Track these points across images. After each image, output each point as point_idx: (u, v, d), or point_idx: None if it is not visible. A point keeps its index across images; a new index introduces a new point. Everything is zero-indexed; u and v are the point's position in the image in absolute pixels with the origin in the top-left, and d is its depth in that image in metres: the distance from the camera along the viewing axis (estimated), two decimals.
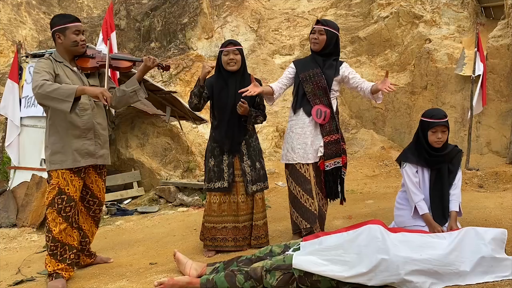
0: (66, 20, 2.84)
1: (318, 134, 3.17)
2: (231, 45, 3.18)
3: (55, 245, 2.77)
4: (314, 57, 3.26)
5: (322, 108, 3.14)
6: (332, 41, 3.19)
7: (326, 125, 3.16)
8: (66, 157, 2.77)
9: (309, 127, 3.17)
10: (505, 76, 6.79)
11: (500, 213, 3.60)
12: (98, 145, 2.91)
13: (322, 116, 3.13)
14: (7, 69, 9.67)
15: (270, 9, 10.97)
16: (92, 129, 2.87)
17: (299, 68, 3.26)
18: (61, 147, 2.77)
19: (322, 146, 3.16)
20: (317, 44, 3.18)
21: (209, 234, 3.23)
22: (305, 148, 3.15)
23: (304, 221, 3.11)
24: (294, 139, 3.20)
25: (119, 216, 5.70)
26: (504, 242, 2.30)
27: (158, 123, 7.45)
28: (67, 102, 2.56)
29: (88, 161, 2.84)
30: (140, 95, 2.98)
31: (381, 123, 8.30)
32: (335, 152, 3.18)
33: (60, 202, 2.75)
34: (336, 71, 3.21)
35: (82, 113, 2.82)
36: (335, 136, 3.18)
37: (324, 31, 3.16)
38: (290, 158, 3.21)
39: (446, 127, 2.84)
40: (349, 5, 9.68)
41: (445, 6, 8.43)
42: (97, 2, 15.08)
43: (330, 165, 3.18)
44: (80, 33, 2.84)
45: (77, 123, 2.80)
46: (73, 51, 2.87)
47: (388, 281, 2.13)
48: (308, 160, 3.15)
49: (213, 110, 3.29)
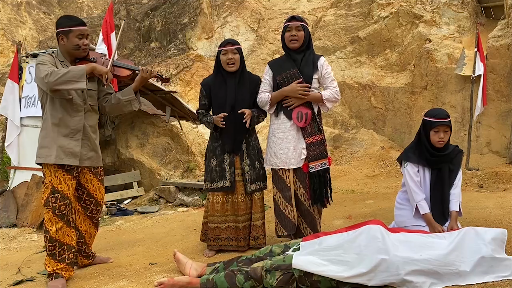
0: (72, 23, 2.86)
1: (300, 137, 3.07)
2: (230, 44, 3.17)
3: (53, 244, 2.77)
4: (290, 56, 3.11)
5: (303, 110, 3.04)
6: (308, 35, 3.09)
7: (308, 127, 3.06)
8: (50, 153, 2.80)
9: (291, 132, 3.07)
10: (505, 76, 6.79)
11: (500, 213, 3.60)
12: (86, 147, 2.92)
13: (303, 119, 3.04)
14: (7, 69, 9.68)
15: (270, 9, 10.97)
16: (81, 130, 2.89)
17: (275, 70, 3.14)
18: (48, 142, 2.83)
19: (304, 148, 3.05)
20: (296, 42, 3.04)
21: (212, 234, 3.23)
22: (287, 153, 3.07)
23: (282, 228, 3.09)
24: (277, 144, 3.12)
25: (119, 216, 5.70)
26: (504, 242, 2.30)
27: (158, 123, 7.45)
28: (81, 82, 2.67)
29: (70, 161, 2.84)
30: (134, 105, 3.06)
31: (381, 123, 8.30)
32: (320, 153, 3.07)
33: (54, 201, 2.76)
34: (314, 67, 3.07)
35: (74, 113, 2.86)
36: (318, 137, 3.07)
37: (301, 27, 3.04)
38: (273, 163, 3.14)
39: (448, 127, 2.84)
40: (349, 5, 9.67)
41: (445, 6, 8.43)
42: (97, 2, 15.09)
43: (315, 167, 3.05)
44: (83, 37, 2.87)
45: (67, 122, 2.84)
46: (74, 54, 2.90)
47: (388, 281, 2.13)
48: (291, 165, 3.06)
49: (213, 110, 3.29)
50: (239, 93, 3.16)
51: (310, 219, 3.10)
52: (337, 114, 8.39)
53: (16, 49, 6.02)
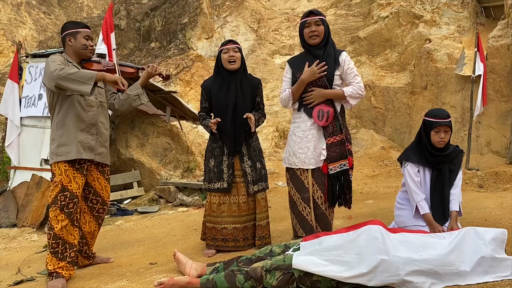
0: (79, 25, 3.05)
1: (321, 137, 2.97)
2: (231, 43, 3.18)
3: (57, 242, 2.80)
4: (310, 52, 3.01)
5: (324, 108, 2.93)
6: (328, 29, 3.00)
7: (329, 126, 2.95)
8: (71, 149, 2.88)
9: (311, 131, 2.99)
10: (505, 76, 6.79)
11: (500, 213, 3.60)
12: (98, 142, 3.04)
13: (324, 118, 2.93)
14: (7, 69, 9.68)
15: (270, 9, 10.96)
16: (95, 125, 3.01)
17: (295, 68, 3.06)
18: (67, 139, 2.89)
19: (324, 149, 2.96)
20: (317, 37, 2.95)
21: (210, 234, 3.24)
22: (307, 152, 2.98)
23: (301, 229, 3.02)
24: (296, 142, 3.03)
25: (119, 216, 5.70)
26: (504, 242, 2.30)
27: (158, 123, 7.45)
28: (88, 84, 2.68)
29: (89, 155, 2.95)
30: (143, 99, 3.18)
31: (381, 123, 8.30)
32: (340, 154, 2.95)
33: (63, 199, 2.81)
34: (336, 63, 2.96)
35: (88, 108, 2.97)
36: (338, 137, 2.96)
37: (320, 21, 2.95)
38: (291, 162, 3.05)
39: (449, 127, 2.84)
40: (349, 5, 9.68)
41: (445, 6, 8.43)
42: (97, 2, 15.09)
43: (335, 168, 2.94)
44: (89, 39, 3.03)
45: (83, 117, 2.94)
46: (81, 54, 3.01)
47: (388, 282, 2.12)
48: (310, 165, 2.98)
49: (214, 112, 3.28)
50: (240, 95, 3.15)
51: (325, 222, 3.01)
52: None
53: (16, 49, 6.02)
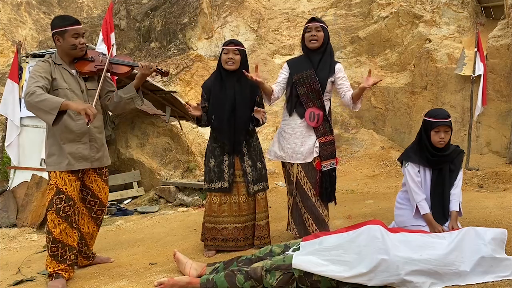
0: (66, 22, 2.80)
1: (311, 134, 3.18)
2: (232, 44, 3.18)
3: (56, 246, 2.77)
4: (308, 56, 3.23)
5: (315, 111, 3.15)
6: (328, 37, 3.23)
7: (320, 127, 3.18)
8: (61, 160, 2.78)
9: (300, 128, 3.19)
10: (505, 76, 6.79)
11: (500, 213, 3.60)
12: (93, 149, 2.91)
13: (315, 119, 3.15)
14: (7, 69, 9.67)
15: (270, 9, 10.96)
16: (87, 133, 2.86)
17: (293, 69, 3.25)
18: (56, 149, 2.79)
19: (317, 147, 3.16)
20: (316, 42, 3.16)
21: (209, 234, 3.23)
22: (294, 148, 3.19)
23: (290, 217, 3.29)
24: (285, 138, 3.24)
25: (119, 216, 5.70)
26: (504, 242, 2.30)
27: (158, 123, 7.45)
28: (51, 114, 2.53)
29: (82, 165, 2.85)
30: (136, 102, 2.99)
31: (381, 123, 8.30)
32: (331, 153, 3.20)
33: (59, 202, 2.75)
34: (330, 71, 3.18)
35: (77, 117, 2.79)
36: (330, 138, 3.20)
37: (321, 28, 3.16)
38: (278, 155, 3.29)
39: (449, 127, 2.84)
40: (349, 5, 9.68)
41: (445, 6, 8.43)
42: (97, 2, 15.09)
43: (327, 166, 3.18)
44: (79, 36, 2.81)
45: (71, 127, 2.79)
46: (71, 54, 2.86)
47: (388, 281, 2.12)
48: (297, 160, 3.18)
49: (211, 110, 3.26)
50: (239, 95, 3.16)
51: (316, 215, 3.15)
52: (337, 114, 8.39)
53: (16, 49, 6.02)
